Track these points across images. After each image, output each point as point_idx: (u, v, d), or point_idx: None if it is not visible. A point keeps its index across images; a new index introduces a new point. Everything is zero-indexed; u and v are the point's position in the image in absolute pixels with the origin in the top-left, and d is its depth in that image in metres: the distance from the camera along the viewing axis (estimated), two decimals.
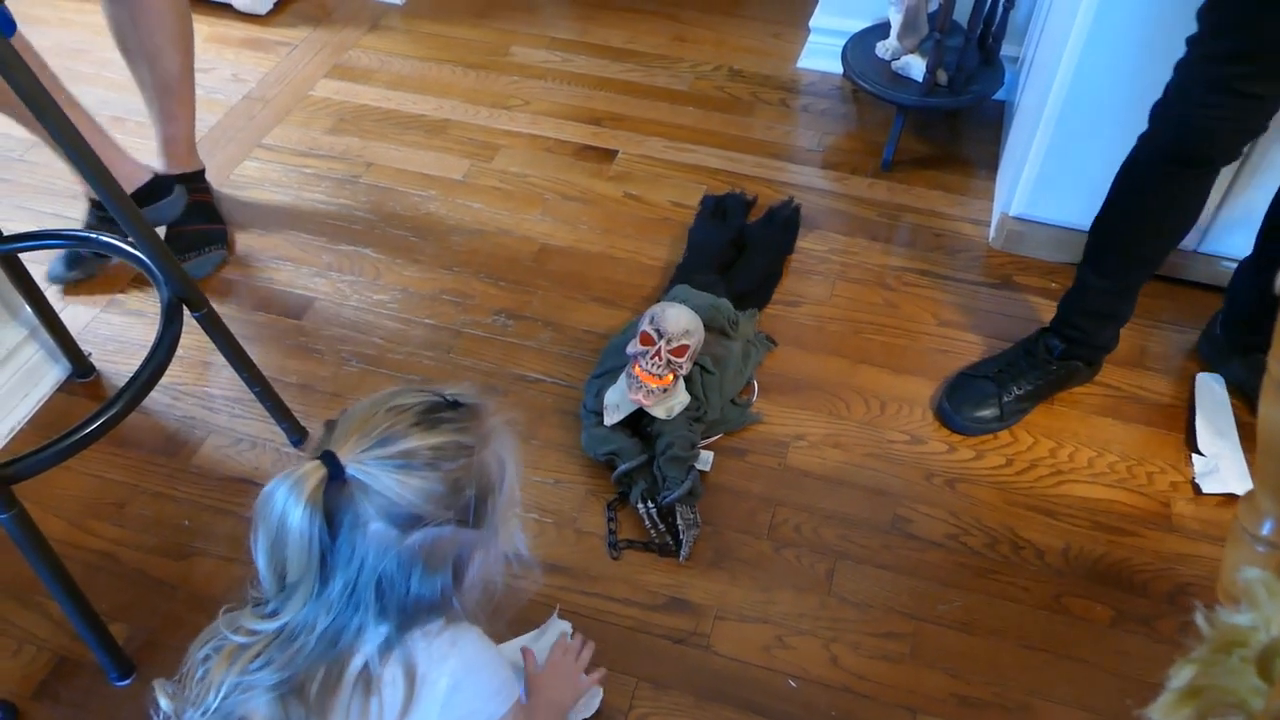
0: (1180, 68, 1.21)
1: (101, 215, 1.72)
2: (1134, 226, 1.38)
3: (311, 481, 0.70)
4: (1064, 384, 1.56)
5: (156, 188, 1.71)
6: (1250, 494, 0.66)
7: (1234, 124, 1.19)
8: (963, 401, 1.53)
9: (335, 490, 0.71)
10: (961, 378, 1.57)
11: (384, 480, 0.71)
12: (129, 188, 1.65)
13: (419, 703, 0.79)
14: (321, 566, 0.73)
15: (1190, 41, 1.19)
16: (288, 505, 0.70)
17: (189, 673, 0.81)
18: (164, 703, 0.83)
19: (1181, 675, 0.47)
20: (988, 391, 1.52)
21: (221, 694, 0.76)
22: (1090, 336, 1.51)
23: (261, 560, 0.75)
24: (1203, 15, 1.16)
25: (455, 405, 0.77)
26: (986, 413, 1.52)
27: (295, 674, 0.76)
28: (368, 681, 0.77)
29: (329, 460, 0.71)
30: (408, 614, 0.78)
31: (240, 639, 0.78)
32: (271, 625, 0.76)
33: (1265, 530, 0.63)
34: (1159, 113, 1.27)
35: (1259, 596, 0.45)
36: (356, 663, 0.78)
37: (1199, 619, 0.47)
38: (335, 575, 0.73)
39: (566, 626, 1.28)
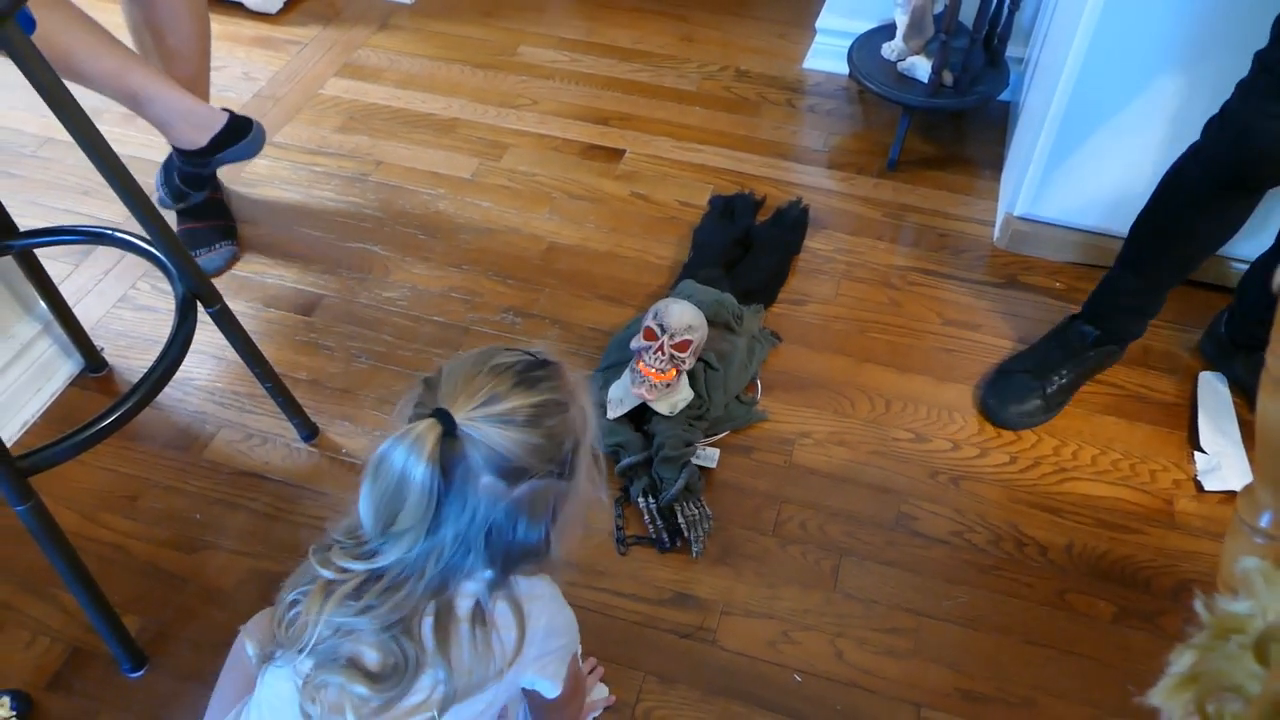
0: (1246, 82, 1.21)
1: (187, 165, 1.72)
2: (1173, 237, 1.39)
3: (430, 439, 0.74)
4: (1100, 368, 1.58)
5: (235, 127, 1.68)
6: (1249, 487, 0.67)
7: None
8: (1007, 398, 1.54)
9: (448, 446, 0.75)
10: (1000, 374, 1.58)
11: (493, 436, 0.76)
12: (209, 132, 1.64)
13: (527, 636, 0.85)
14: (434, 516, 0.77)
15: (1260, 55, 1.19)
16: (409, 463, 0.74)
17: (279, 619, 0.84)
18: (251, 649, 0.87)
19: (1181, 661, 0.48)
20: (1029, 385, 1.54)
21: (319, 630, 0.80)
22: (1119, 327, 1.54)
23: (368, 511, 0.78)
24: (1278, 26, 1.16)
25: (545, 364, 0.82)
26: (1031, 405, 1.53)
27: (403, 617, 0.80)
28: (484, 619, 0.83)
29: (444, 418, 0.75)
30: (511, 559, 0.83)
31: (330, 574, 0.81)
32: (369, 565, 0.80)
33: (1263, 522, 0.65)
34: (1216, 124, 1.26)
35: (1256, 585, 0.47)
36: (466, 601, 0.83)
37: (1198, 606, 0.48)
38: (446, 524, 0.78)
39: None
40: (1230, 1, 1.39)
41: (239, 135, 1.67)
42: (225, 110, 1.67)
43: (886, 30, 2.05)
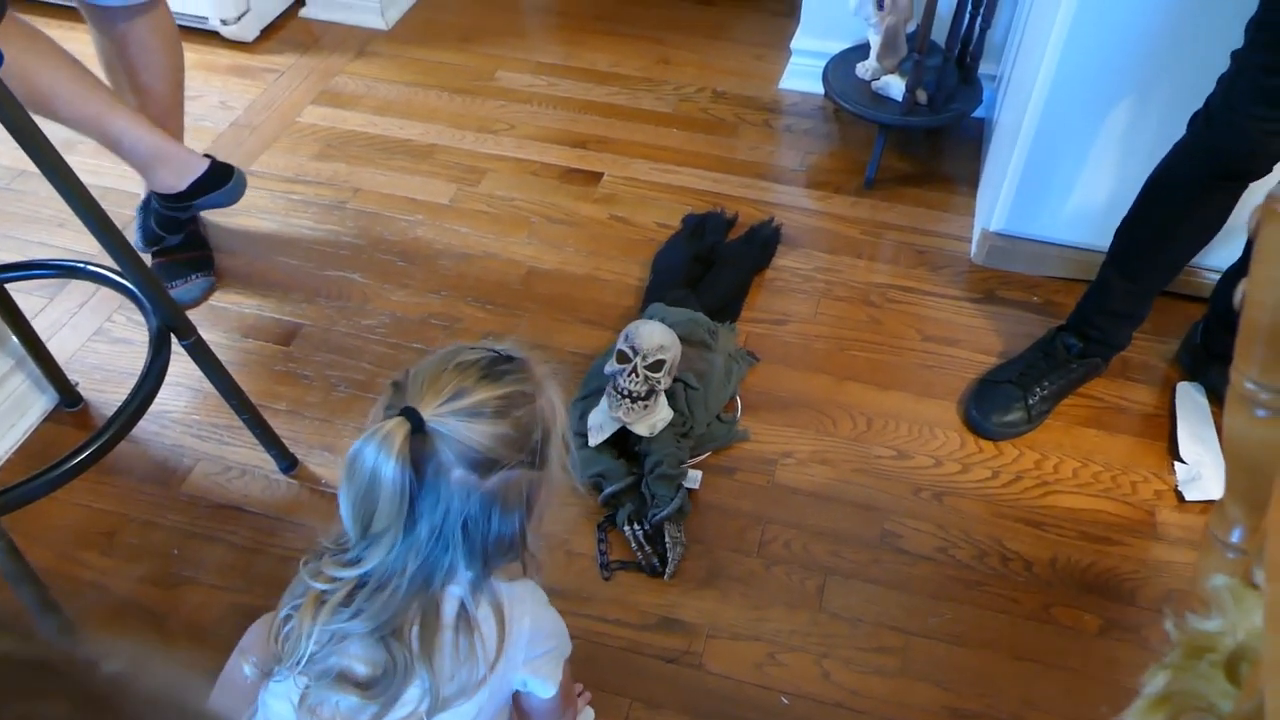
0: (1226, 80, 1.23)
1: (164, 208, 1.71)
2: (1164, 233, 1.41)
3: (398, 437, 0.75)
4: (1083, 381, 1.59)
5: (216, 174, 1.67)
6: (1221, 502, 0.68)
7: None
8: (990, 409, 1.55)
9: (418, 442, 0.76)
10: (984, 385, 1.59)
11: (461, 430, 0.77)
12: (189, 177, 1.63)
13: (509, 640, 0.85)
14: (409, 514, 0.78)
15: (1237, 55, 1.21)
16: (379, 460, 0.75)
17: (275, 635, 0.84)
18: (248, 670, 0.87)
19: (1155, 682, 0.48)
20: (1013, 396, 1.55)
21: (314, 642, 0.81)
22: (1108, 335, 1.55)
23: (347, 513, 0.79)
24: (1252, 29, 1.18)
25: (510, 359, 0.83)
26: (1014, 416, 1.54)
27: (391, 617, 0.80)
28: (468, 621, 0.83)
29: (411, 415, 0.76)
30: (490, 553, 0.83)
31: (322, 586, 0.82)
32: (355, 571, 0.81)
33: (1234, 538, 0.65)
34: (1201, 122, 1.28)
35: (1226, 603, 0.46)
36: (451, 604, 0.83)
37: (1169, 626, 0.48)
38: (421, 521, 0.79)
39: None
40: (1197, 17, 1.41)
41: (220, 182, 1.67)
42: (207, 156, 1.67)
43: (861, 50, 2.07)
